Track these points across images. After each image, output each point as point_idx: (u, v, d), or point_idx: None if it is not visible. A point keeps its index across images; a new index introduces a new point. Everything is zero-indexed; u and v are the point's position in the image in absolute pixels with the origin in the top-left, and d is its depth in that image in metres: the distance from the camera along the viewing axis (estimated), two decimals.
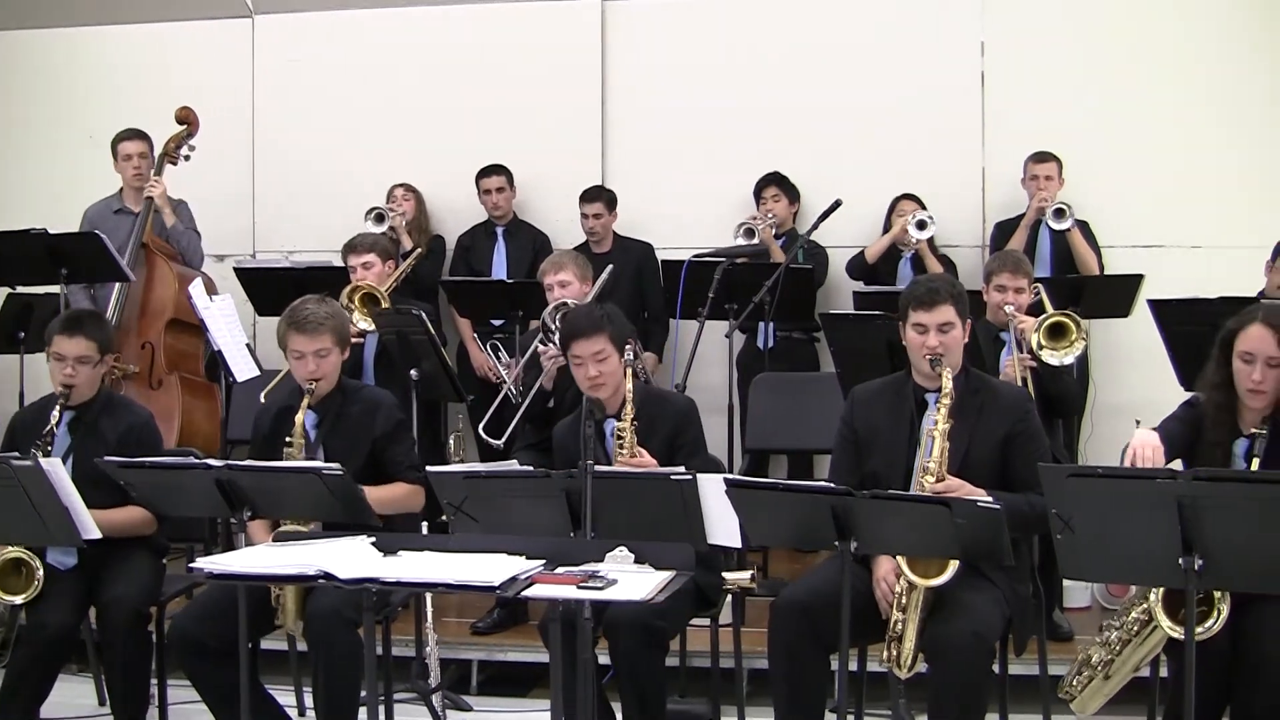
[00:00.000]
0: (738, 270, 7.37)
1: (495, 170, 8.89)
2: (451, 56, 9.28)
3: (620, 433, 5.36)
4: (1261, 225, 7.45)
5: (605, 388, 5.40)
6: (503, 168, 8.89)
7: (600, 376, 5.40)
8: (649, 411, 5.51)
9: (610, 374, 5.42)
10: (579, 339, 5.45)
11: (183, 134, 8.14)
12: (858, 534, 4.37)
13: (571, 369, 5.58)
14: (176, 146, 8.13)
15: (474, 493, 4.71)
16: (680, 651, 6.10)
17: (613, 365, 5.44)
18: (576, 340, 5.46)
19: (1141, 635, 4.69)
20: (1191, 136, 8.41)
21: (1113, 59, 8.58)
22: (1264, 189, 8.29)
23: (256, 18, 9.49)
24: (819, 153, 8.78)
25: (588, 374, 5.42)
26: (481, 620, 6.72)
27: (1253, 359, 4.68)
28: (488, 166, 8.90)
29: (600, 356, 5.41)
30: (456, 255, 8.97)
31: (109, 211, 8.12)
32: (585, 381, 5.44)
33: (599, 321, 5.50)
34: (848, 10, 8.93)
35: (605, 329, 5.47)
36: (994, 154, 8.68)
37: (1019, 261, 6.62)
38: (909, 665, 4.78)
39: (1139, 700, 5.02)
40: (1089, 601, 6.94)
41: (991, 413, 5.03)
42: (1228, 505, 3.86)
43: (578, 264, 6.93)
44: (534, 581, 3.88)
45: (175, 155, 8.11)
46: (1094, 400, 7.54)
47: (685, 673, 6.19)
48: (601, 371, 5.40)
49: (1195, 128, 8.41)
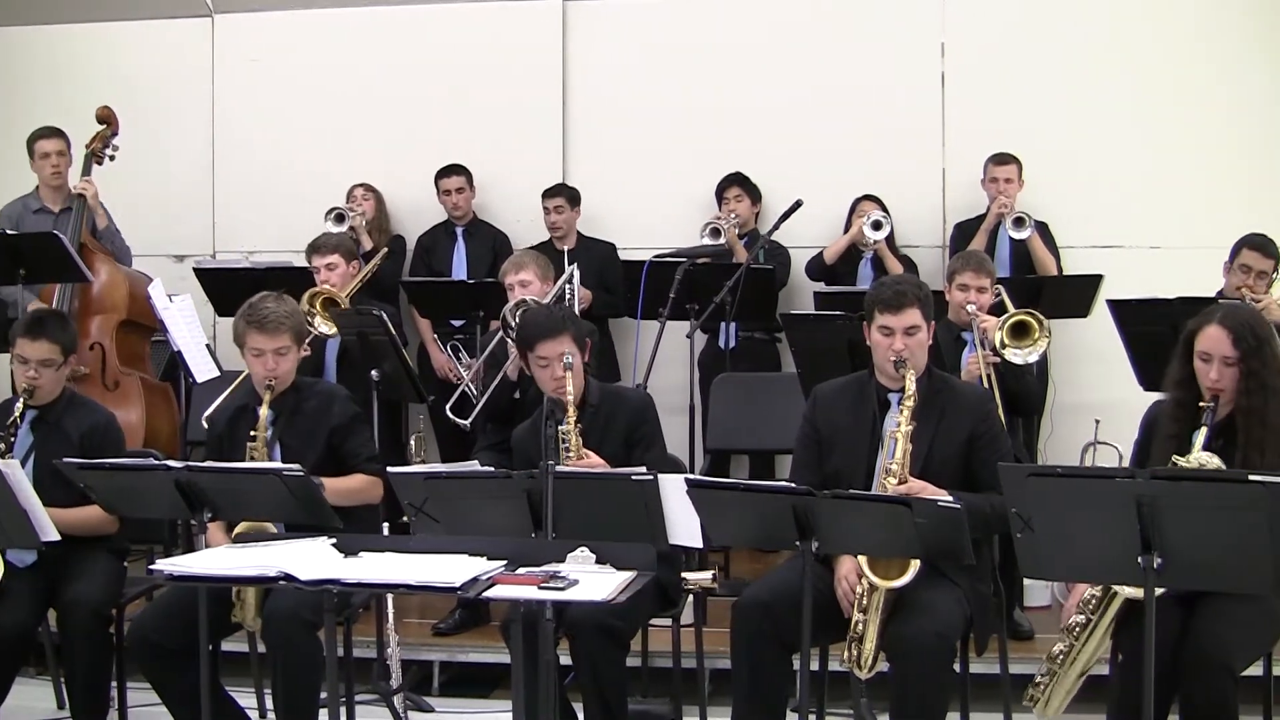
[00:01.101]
0: (698, 271, 7.37)
1: (454, 170, 8.88)
2: (412, 56, 9.26)
3: (565, 435, 5.33)
4: (1220, 226, 7.50)
5: (569, 389, 5.38)
6: (462, 168, 8.88)
7: (565, 378, 5.38)
8: (607, 408, 5.52)
9: (574, 375, 5.40)
10: (545, 339, 5.42)
11: (106, 133, 8.00)
12: (819, 534, 4.38)
13: (534, 371, 5.56)
14: (103, 146, 7.99)
15: (435, 494, 4.69)
16: (642, 651, 6.08)
17: (576, 366, 5.43)
18: (543, 341, 5.43)
19: (1101, 610, 4.72)
20: (1151, 138, 8.48)
21: (1072, 61, 8.63)
22: (1222, 190, 8.35)
23: (216, 17, 9.45)
24: (780, 153, 8.79)
25: (553, 375, 5.40)
26: (443, 621, 6.70)
27: (1210, 358, 4.74)
28: (447, 166, 8.90)
29: (565, 357, 5.39)
30: (416, 256, 8.96)
31: (28, 211, 7.95)
32: (551, 383, 5.41)
33: (562, 322, 5.50)
34: (809, 11, 8.95)
35: (569, 329, 5.46)
36: (954, 155, 8.72)
37: (982, 261, 6.64)
38: (869, 666, 4.80)
39: (1098, 699, 5.03)
40: (1049, 600, 6.95)
41: (954, 414, 5.04)
42: (1186, 504, 3.88)
43: (539, 263, 6.92)
44: (495, 582, 3.88)
45: (101, 155, 7.99)
46: (1053, 400, 7.58)
47: (647, 673, 6.18)
48: (566, 373, 5.40)
49: (1154, 129, 8.48)
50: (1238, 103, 8.45)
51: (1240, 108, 8.44)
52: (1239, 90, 8.45)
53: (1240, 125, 8.43)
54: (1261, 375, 4.69)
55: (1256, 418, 4.68)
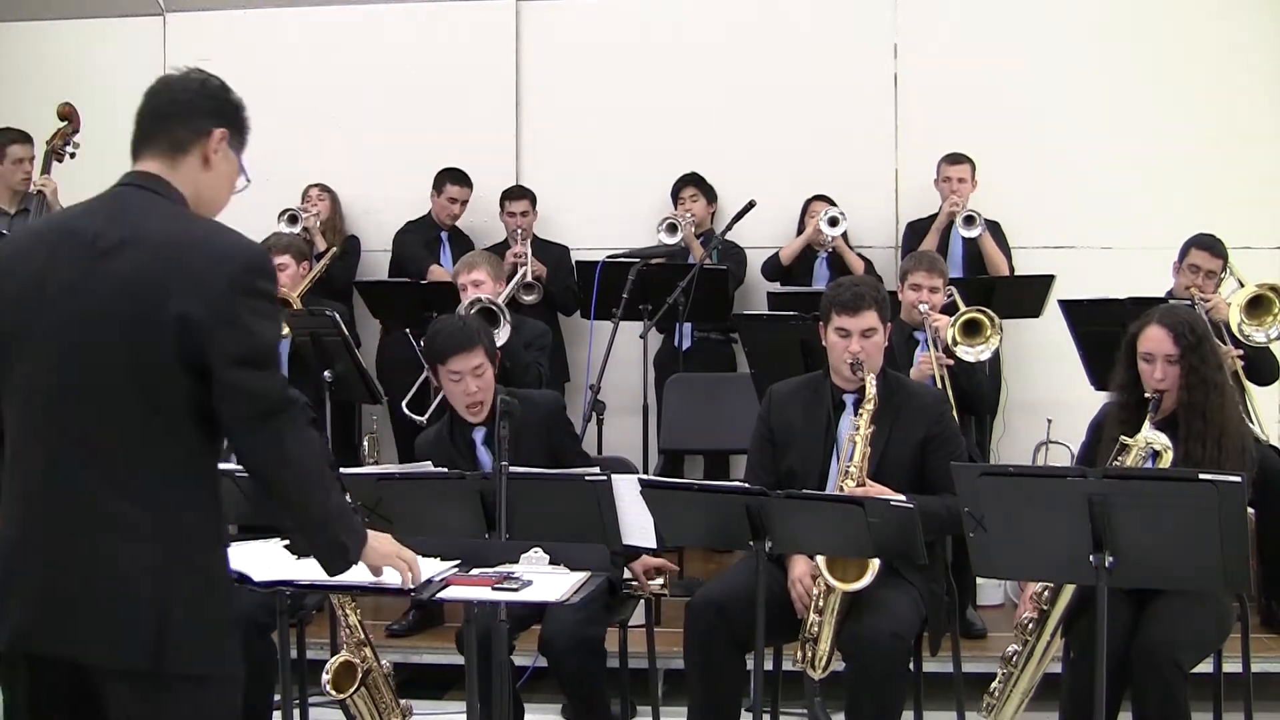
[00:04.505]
0: (652, 271, 7.37)
1: (465, 181, 8.77)
2: (365, 56, 9.22)
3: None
4: (1170, 226, 7.53)
5: (484, 406, 5.33)
6: (470, 180, 8.79)
7: (479, 393, 5.31)
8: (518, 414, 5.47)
9: (486, 388, 5.34)
10: (458, 354, 5.27)
11: (67, 130, 7.92)
12: (772, 534, 4.39)
13: (445, 385, 5.43)
14: (63, 143, 7.91)
15: (388, 495, 4.68)
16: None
17: (488, 379, 5.35)
18: (455, 355, 5.28)
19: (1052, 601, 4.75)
20: (1102, 139, 8.52)
21: (1024, 62, 8.66)
22: (1173, 190, 8.41)
23: (168, 15, 9.39)
24: (733, 154, 8.79)
25: (466, 390, 5.30)
26: (397, 622, 6.68)
27: (1153, 359, 4.85)
28: (458, 173, 8.77)
29: (479, 371, 5.30)
30: (402, 249, 8.81)
31: None
32: (464, 399, 5.32)
33: (474, 335, 5.36)
34: (762, 12, 8.96)
35: (480, 342, 5.34)
36: (907, 155, 8.73)
37: (934, 261, 6.66)
38: (824, 666, 4.81)
39: (1050, 696, 5.06)
40: (1002, 599, 6.99)
41: (908, 415, 5.07)
42: (1137, 503, 3.92)
43: (491, 263, 6.91)
44: (449, 583, 3.87)
45: (61, 152, 7.91)
46: (1006, 399, 7.61)
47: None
48: (480, 387, 5.32)
49: (1105, 130, 8.51)
50: (1187, 104, 8.50)
51: (1189, 109, 8.50)
52: (1188, 91, 8.51)
53: (1190, 127, 8.48)
54: (1201, 371, 4.82)
55: (1198, 412, 4.81)
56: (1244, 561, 4.00)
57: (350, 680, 5.03)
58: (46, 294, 3.00)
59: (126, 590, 2.94)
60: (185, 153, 3.13)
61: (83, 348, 2.97)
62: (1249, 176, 8.44)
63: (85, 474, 2.96)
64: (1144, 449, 4.66)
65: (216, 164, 3.18)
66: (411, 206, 8.86)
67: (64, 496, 2.97)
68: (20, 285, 3.04)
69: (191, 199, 3.14)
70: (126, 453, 2.96)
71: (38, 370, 3.00)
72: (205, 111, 3.16)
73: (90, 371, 2.96)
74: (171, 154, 3.12)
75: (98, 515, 2.95)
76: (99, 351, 2.96)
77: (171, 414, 2.98)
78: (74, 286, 2.98)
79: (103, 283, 2.96)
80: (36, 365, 3.01)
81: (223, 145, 3.18)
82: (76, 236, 3.02)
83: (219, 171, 3.20)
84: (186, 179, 3.14)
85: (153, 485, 2.97)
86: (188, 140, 3.13)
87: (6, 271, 3.09)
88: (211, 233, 3.09)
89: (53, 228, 3.16)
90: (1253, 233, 8.17)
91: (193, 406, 2.98)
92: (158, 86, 3.18)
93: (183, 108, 3.14)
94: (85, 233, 3.01)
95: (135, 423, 2.96)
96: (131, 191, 3.09)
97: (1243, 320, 6.39)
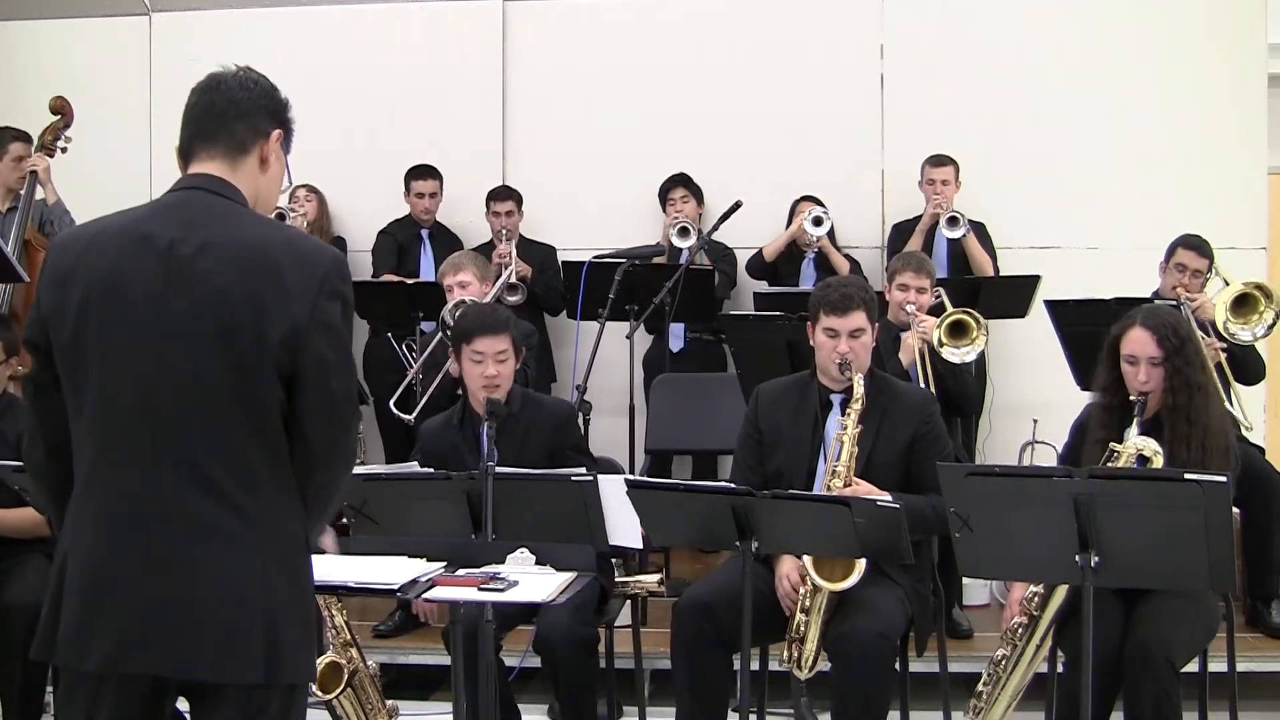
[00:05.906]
0: (638, 271, 7.36)
1: (429, 173, 8.75)
2: (351, 56, 9.20)
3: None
4: (1155, 227, 7.55)
5: (500, 390, 5.35)
6: (435, 170, 8.76)
7: (498, 377, 5.34)
8: (526, 416, 5.48)
9: (506, 376, 5.37)
10: (484, 335, 5.35)
11: (58, 124, 7.90)
12: (758, 534, 4.39)
13: (464, 365, 5.47)
14: (54, 138, 7.88)
15: (374, 495, 4.67)
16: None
17: (509, 369, 5.39)
18: (482, 336, 5.35)
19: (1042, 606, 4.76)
20: (1087, 140, 8.53)
21: (1010, 62, 8.66)
22: (1158, 192, 8.41)
23: (154, 15, 9.37)
24: (719, 155, 8.78)
25: (485, 372, 5.34)
26: (383, 623, 6.67)
27: (1136, 361, 4.84)
28: (421, 168, 8.75)
29: (502, 356, 5.35)
30: (384, 250, 8.81)
31: None
32: (480, 379, 5.35)
33: (505, 321, 5.45)
34: (749, 13, 8.95)
35: (509, 329, 5.42)
36: (893, 156, 8.74)
37: (922, 261, 6.68)
38: (810, 666, 4.81)
39: (1037, 697, 5.07)
40: (988, 599, 7.00)
41: (896, 415, 5.07)
42: (1123, 503, 3.93)
43: (477, 264, 6.91)
44: (435, 584, 3.86)
45: (53, 147, 7.89)
46: (992, 400, 7.62)
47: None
48: (500, 372, 5.34)
49: (1092, 130, 8.52)
50: (1172, 105, 8.52)
51: (1175, 110, 8.52)
52: (1173, 92, 8.53)
53: (1175, 127, 8.50)
54: (1185, 373, 4.81)
55: (1182, 414, 4.80)
56: (1229, 561, 4.01)
57: (336, 681, 5.01)
58: (127, 301, 2.91)
59: (238, 603, 2.91)
60: (246, 153, 3.08)
61: (175, 358, 2.90)
62: (1233, 177, 8.46)
63: (186, 488, 2.90)
64: (1133, 456, 4.64)
65: (272, 165, 3.13)
66: (398, 207, 8.86)
67: (163, 512, 2.91)
68: (88, 292, 2.94)
69: (250, 200, 3.09)
70: (226, 464, 2.91)
71: (122, 382, 2.92)
72: (264, 111, 3.11)
73: (186, 382, 2.90)
74: (232, 155, 3.06)
75: (201, 529, 2.90)
76: (194, 362, 2.89)
77: (266, 422, 2.94)
78: (158, 295, 2.90)
79: (190, 291, 2.89)
80: (121, 376, 2.92)
81: (278, 147, 3.14)
82: (149, 242, 2.93)
83: (273, 174, 3.15)
84: (247, 180, 3.08)
85: (253, 495, 2.93)
86: (249, 141, 3.08)
87: (65, 278, 2.98)
88: (291, 238, 3.06)
89: (117, 231, 3.01)
90: (1238, 233, 8.20)
91: (282, 413, 2.95)
92: (210, 84, 3.10)
93: (241, 107, 3.08)
94: (159, 238, 2.93)
95: (234, 433, 2.92)
96: (200, 195, 3.02)
97: (1229, 319, 6.40)
